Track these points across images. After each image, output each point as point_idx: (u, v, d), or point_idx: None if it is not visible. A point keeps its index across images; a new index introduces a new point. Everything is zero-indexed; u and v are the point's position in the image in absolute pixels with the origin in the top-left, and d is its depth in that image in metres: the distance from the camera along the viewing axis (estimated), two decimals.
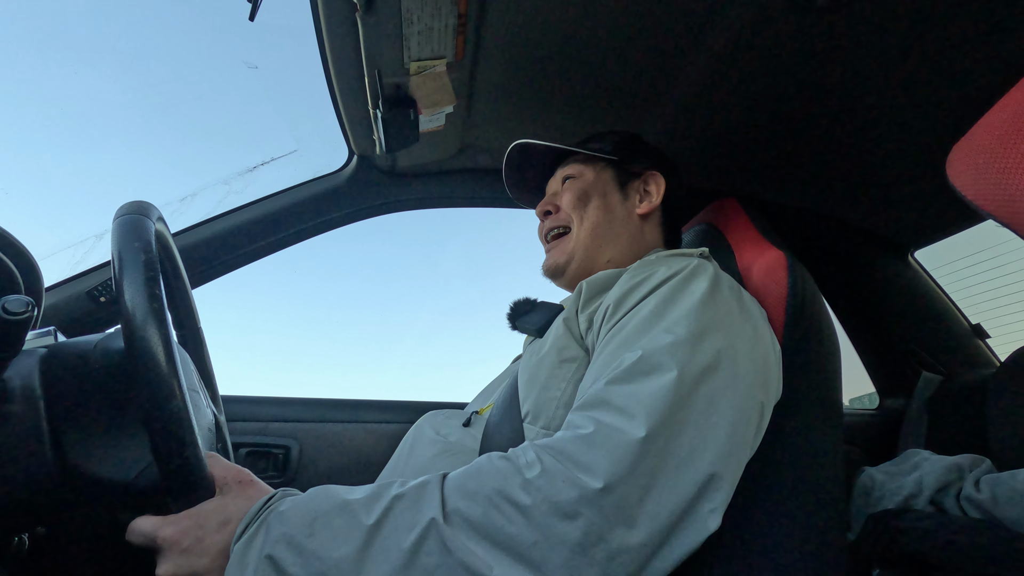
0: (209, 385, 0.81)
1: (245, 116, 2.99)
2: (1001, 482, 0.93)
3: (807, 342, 0.70)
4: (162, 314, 0.47)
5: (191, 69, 3.65)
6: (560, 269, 0.91)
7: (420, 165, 1.29)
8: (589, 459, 0.50)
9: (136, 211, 0.53)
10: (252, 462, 1.18)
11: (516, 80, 1.05)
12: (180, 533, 0.49)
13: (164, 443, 0.45)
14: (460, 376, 10.10)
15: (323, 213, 1.27)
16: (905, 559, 0.88)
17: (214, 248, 1.20)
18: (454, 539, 0.47)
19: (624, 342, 0.61)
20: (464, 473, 0.53)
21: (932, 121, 1.09)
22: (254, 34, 0.88)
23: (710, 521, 0.51)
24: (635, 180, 0.94)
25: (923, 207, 1.40)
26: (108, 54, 3.00)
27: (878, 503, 1.07)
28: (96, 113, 4.50)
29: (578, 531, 0.47)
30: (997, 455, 1.08)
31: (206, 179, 1.24)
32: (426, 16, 0.85)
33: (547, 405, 0.68)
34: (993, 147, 0.35)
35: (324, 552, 0.47)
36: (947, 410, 1.34)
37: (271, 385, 1.33)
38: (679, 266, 0.70)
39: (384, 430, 1.26)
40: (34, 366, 0.52)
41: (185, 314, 0.79)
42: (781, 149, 1.22)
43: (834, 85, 1.02)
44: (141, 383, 0.45)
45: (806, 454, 0.65)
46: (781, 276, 0.73)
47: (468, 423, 0.79)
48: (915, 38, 0.90)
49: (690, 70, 1.01)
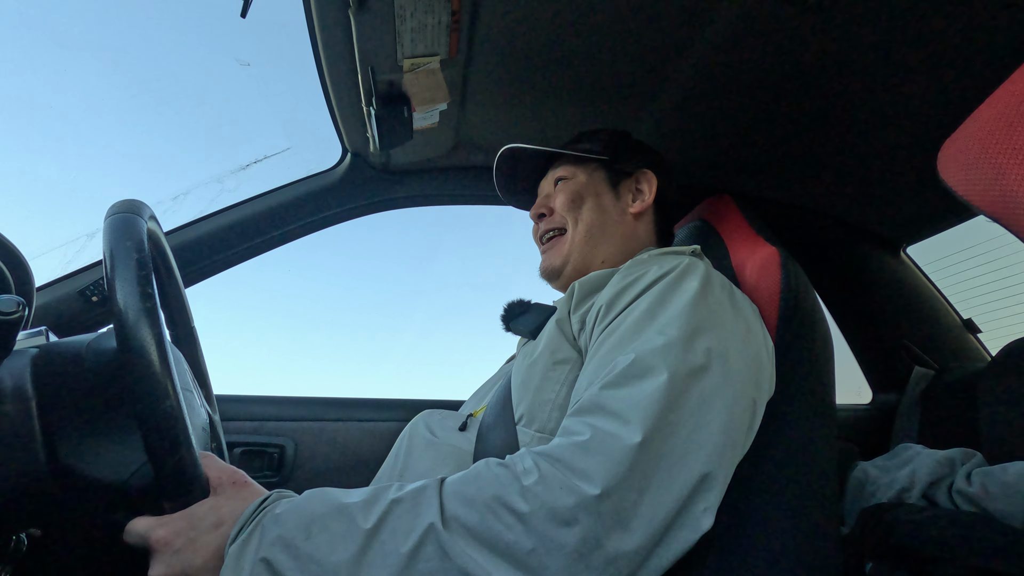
0: (203, 384, 0.81)
1: (238, 113, 2.98)
2: (992, 475, 0.94)
3: (800, 338, 0.70)
4: (155, 314, 0.47)
5: (183, 66, 3.63)
6: (557, 271, 0.91)
7: (414, 162, 1.28)
8: (586, 466, 0.50)
9: (128, 210, 0.53)
10: (247, 461, 1.18)
11: (510, 77, 1.04)
12: (173, 534, 0.49)
13: (158, 444, 0.45)
14: (455, 374, 10.09)
15: (317, 211, 1.26)
16: (898, 552, 0.89)
17: (207, 246, 1.19)
18: (453, 545, 0.47)
19: (617, 344, 0.61)
20: (462, 479, 0.53)
21: (923, 117, 1.09)
22: (246, 31, 0.87)
23: (703, 520, 0.51)
24: (627, 179, 0.94)
25: (915, 203, 1.41)
26: (100, 52, 2.97)
27: (871, 497, 1.08)
28: (87, 111, 4.46)
29: (575, 537, 0.47)
30: (988, 449, 1.09)
31: (199, 177, 1.24)
32: (419, 13, 0.85)
33: (541, 408, 0.68)
34: (983, 143, 0.35)
35: (321, 556, 0.47)
36: (939, 404, 1.35)
37: (265, 384, 1.32)
38: (670, 265, 0.70)
39: (379, 429, 1.25)
40: (25, 366, 0.51)
41: (178, 313, 0.79)
42: (774, 145, 1.23)
43: (826, 81, 1.02)
44: (134, 383, 0.45)
45: (799, 449, 0.66)
46: (774, 272, 0.73)
47: (464, 427, 0.79)
48: (905, 34, 0.90)
49: (683, 66, 1.01)
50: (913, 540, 0.87)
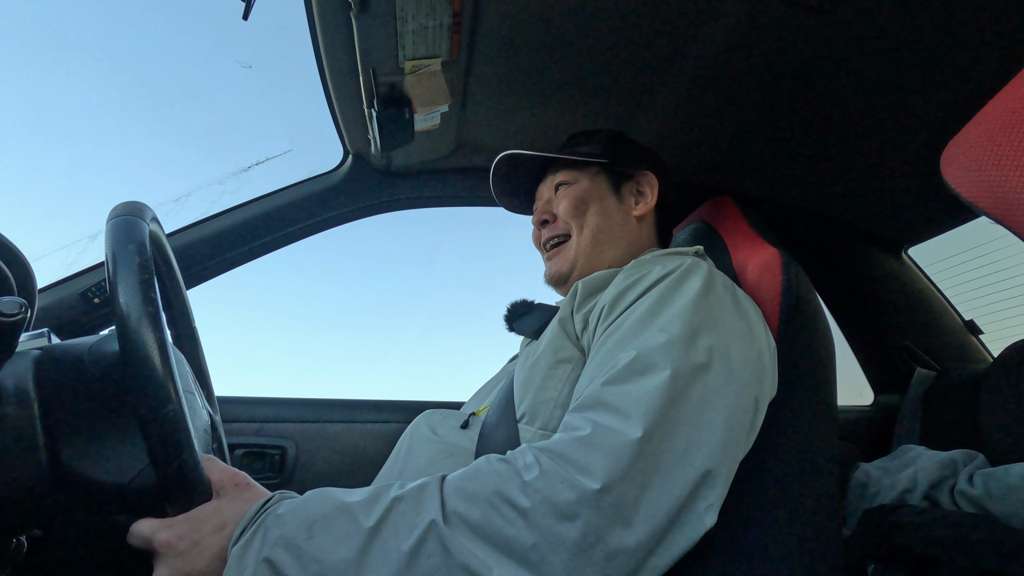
0: (204, 386, 0.81)
1: (240, 116, 2.98)
2: (994, 476, 0.94)
3: (802, 339, 0.70)
4: (157, 318, 0.47)
5: (185, 69, 3.64)
6: (564, 277, 0.90)
7: (415, 164, 1.28)
8: (587, 460, 0.50)
9: (130, 212, 0.53)
10: (248, 463, 1.18)
11: (511, 79, 1.05)
12: (177, 537, 0.49)
13: (160, 448, 0.45)
14: (456, 376, 10.07)
15: (318, 213, 1.27)
16: (900, 554, 0.89)
17: (209, 248, 1.20)
18: (454, 541, 0.47)
19: (619, 342, 0.62)
20: (463, 475, 0.53)
21: (926, 119, 1.09)
22: (248, 33, 0.87)
23: (706, 518, 0.51)
24: (628, 181, 0.94)
25: (917, 204, 1.41)
26: (102, 54, 2.98)
27: (873, 499, 1.08)
28: (90, 113, 4.47)
29: (577, 532, 0.47)
30: (990, 450, 1.08)
31: (201, 179, 1.24)
32: (420, 15, 0.85)
33: (543, 406, 0.68)
34: (986, 144, 0.35)
35: (323, 555, 0.47)
36: (941, 405, 1.35)
37: (267, 385, 1.32)
38: (673, 265, 0.70)
39: (381, 430, 1.25)
40: (28, 368, 0.51)
41: (180, 315, 0.79)
42: (775, 147, 1.23)
43: (828, 83, 1.02)
44: (137, 389, 0.45)
45: (801, 450, 0.66)
46: (776, 273, 0.73)
47: (466, 425, 0.79)
48: (908, 36, 0.90)
49: (684, 68, 1.01)
50: (915, 542, 0.87)
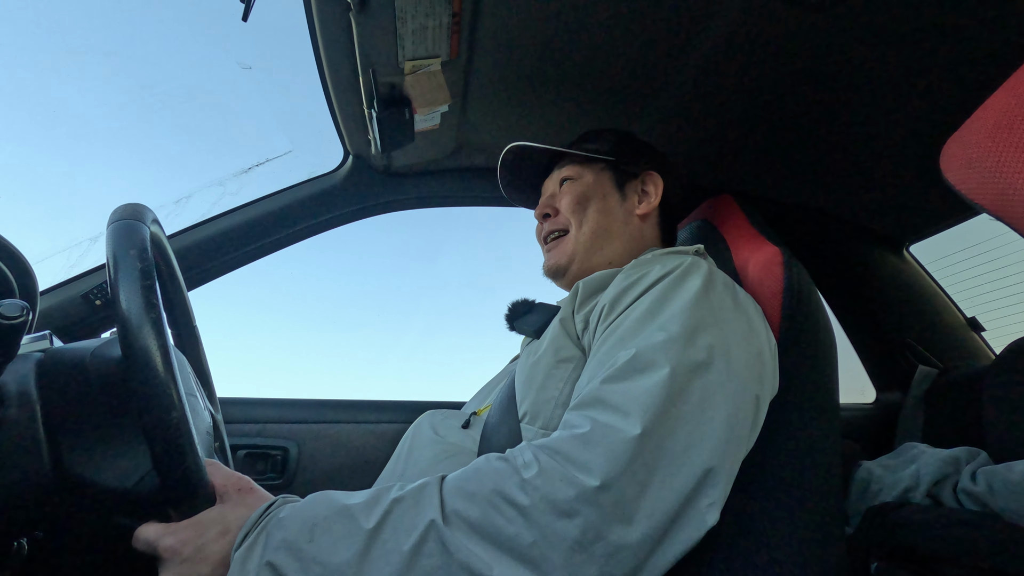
0: (206, 387, 0.81)
1: (240, 117, 2.98)
2: (997, 474, 0.94)
3: (803, 337, 0.70)
4: (160, 325, 0.47)
5: (185, 70, 3.63)
6: (562, 269, 0.91)
7: (415, 165, 1.28)
8: (586, 458, 0.50)
9: (131, 215, 0.53)
10: (250, 464, 1.18)
11: (511, 78, 1.05)
12: (181, 542, 0.49)
13: (164, 454, 0.45)
14: (458, 375, 10.06)
15: (319, 214, 1.27)
16: (903, 552, 0.89)
17: (210, 250, 1.20)
18: (454, 540, 0.47)
19: (619, 341, 0.62)
20: (462, 475, 0.53)
21: (926, 116, 1.09)
22: (248, 34, 0.87)
23: (708, 516, 0.51)
24: (633, 180, 0.94)
25: (918, 202, 1.40)
26: (102, 56, 2.98)
27: (876, 496, 1.08)
28: (90, 114, 4.48)
29: (577, 529, 0.47)
30: (993, 447, 1.08)
31: (201, 180, 1.24)
32: (420, 15, 0.85)
33: (545, 405, 0.68)
34: (986, 141, 0.35)
35: (325, 557, 0.47)
36: (943, 403, 1.35)
37: (269, 386, 1.32)
38: (673, 264, 0.70)
39: (383, 430, 1.25)
40: (30, 370, 0.51)
41: (181, 316, 0.79)
42: (776, 145, 1.23)
43: (828, 80, 1.02)
44: (139, 394, 0.45)
45: (803, 448, 0.66)
46: (777, 272, 0.73)
47: (467, 425, 0.79)
48: (908, 33, 0.90)
49: (685, 66, 1.01)
50: (918, 539, 0.87)
